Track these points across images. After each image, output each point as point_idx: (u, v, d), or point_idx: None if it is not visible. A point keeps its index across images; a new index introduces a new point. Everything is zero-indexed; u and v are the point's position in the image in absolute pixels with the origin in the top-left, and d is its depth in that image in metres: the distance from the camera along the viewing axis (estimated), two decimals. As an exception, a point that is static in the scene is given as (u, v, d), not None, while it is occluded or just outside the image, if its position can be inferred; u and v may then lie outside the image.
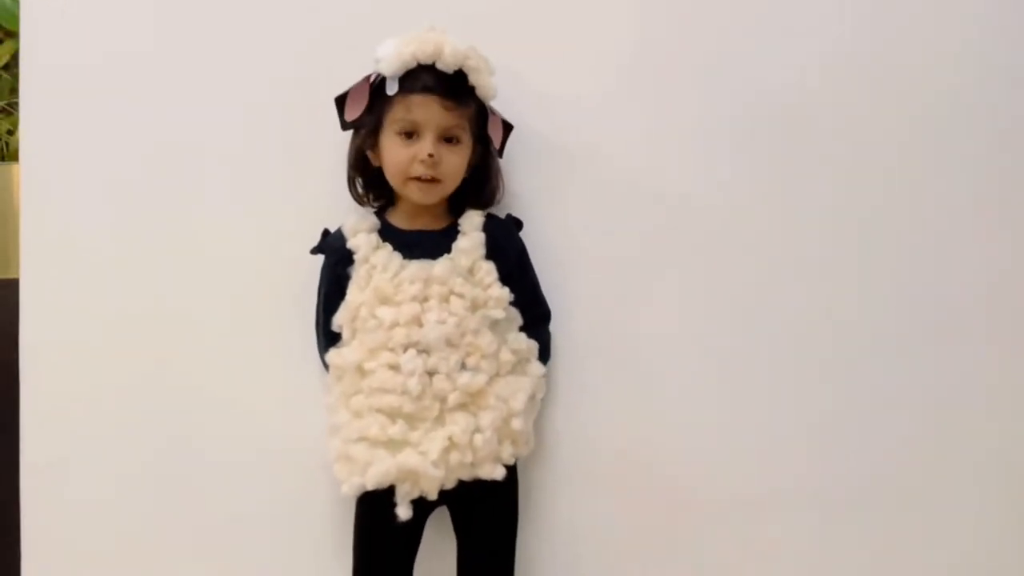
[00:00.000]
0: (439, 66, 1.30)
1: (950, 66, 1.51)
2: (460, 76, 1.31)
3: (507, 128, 1.39)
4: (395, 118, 1.32)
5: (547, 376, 1.43)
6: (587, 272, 1.50)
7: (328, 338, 1.40)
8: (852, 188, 1.51)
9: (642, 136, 1.50)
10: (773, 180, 1.50)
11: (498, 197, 1.43)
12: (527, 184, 1.49)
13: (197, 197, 1.49)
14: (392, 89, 1.31)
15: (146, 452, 1.49)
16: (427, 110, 1.30)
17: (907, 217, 1.51)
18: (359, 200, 1.43)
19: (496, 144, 1.38)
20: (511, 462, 1.36)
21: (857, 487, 1.50)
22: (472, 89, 1.33)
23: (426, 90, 1.30)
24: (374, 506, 1.32)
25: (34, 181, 1.48)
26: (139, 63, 1.48)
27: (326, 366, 1.40)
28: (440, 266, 1.33)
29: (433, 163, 1.31)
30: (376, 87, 1.33)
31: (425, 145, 1.31)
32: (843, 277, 1.51)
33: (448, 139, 1.33)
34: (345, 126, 1.37)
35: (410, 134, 1.32)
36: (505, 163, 1.44)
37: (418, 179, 1.32)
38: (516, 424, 1.34)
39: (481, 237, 1.36)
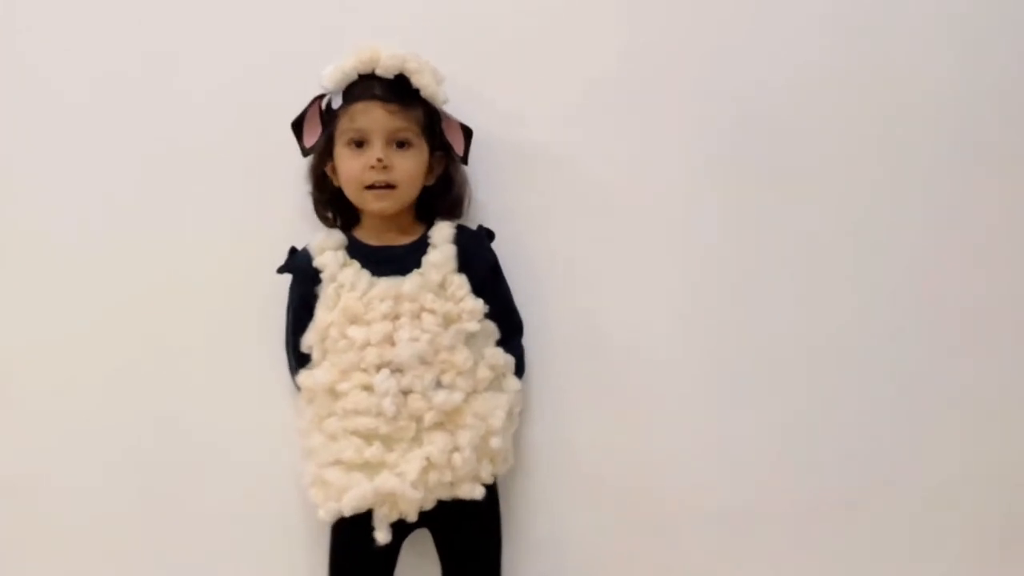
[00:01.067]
0: (379, 72, 1.28)
1: (941, 69, 1.48)
2: (402, 80, 1.29)
3: (467, 133, 1.35)
4: (342, 129, 1.30)
5: (523, 390, 1.40)
6: (562, 282, 1.47)
7: (298, 359, 1.36)
8: (837, 201, 1.48)
9: (616, 141, 1.46)
10: (757, 187, 1.47)
11: (465, 205, 1.40)
12: (498, 194, 1.46)
13: (166, 209, 1.45)
14: (337, 103, 1.29)
15: (112, 476, 1.45)
16: (370, 116, 1.28)
17: (905, 226, 1.48)
18: (325, 221, 1.39)
19: (458, 150, 1.35)
20: (490, 481, 1.33)
21: (842, 500, 1.48)
22: (417, 92, 1.30)
23: (367, 96, 1.28)
24: (350, 530, 1.29)
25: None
26: (100, 66, 1.45)
27: (298, 388, 1.36)
28: (410, 282, 1.29)
29: (384, 168, 1.28)
30: (327, 107, 1.31)
31: (374, 151, 1.28)
32: (828, 287, 1.47)
33: (400, 144, 1.30)
34: (306, 152, 1.34)
35: (360, 143, 1.29)
36: (474, 173, 1.41)
37: (373, 187, 1.29)
38: (494, 443, 1.31)
39: (452, 250, 1.33)
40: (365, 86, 1.29)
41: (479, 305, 1.32)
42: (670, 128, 1.47)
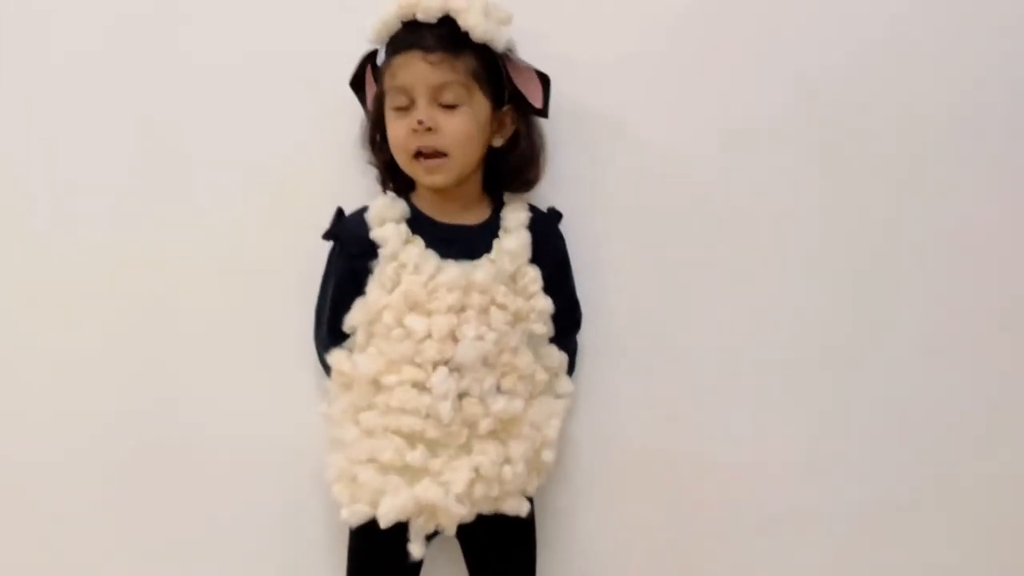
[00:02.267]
0: (419, 16, 1.10)
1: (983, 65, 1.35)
2: (450, 24, 1.10)
3: (544, 80, 1.15)
4: (387, 88, 1.13)
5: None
6: (618, 271, 1.32)
7: (333, 337, 1.19)
8: (905, 189, 1.35)
9: (693, 121, 1.31)
10: (826, 181, 1.33)
11: (539, 172, 1.21)
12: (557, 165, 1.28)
13: (181, 176, 1.30)
14: (381, 58, 1.12)
15: (121, 455, 1.31)
16: (411, 70, 1.10)
17: (981, 222, 1.36)
18: (384, 186, 1.21)
19: (534, 101, 1.15)
20: (534, 495, 1.21)
21: (893, 502, 1.37)
22: (467, 36, 1.10)
23: (407, 47, 1.10)
24: (375, 536, 1.13)
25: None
26: (80, 46, 1.29)
27: (325, 367, 1.20)
28: (483, 271, 1.13)
29: (428, 131, 1.10)
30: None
31: (416, 111, 1.10)
32: (896, 287, 1.35)
33: (447, 104, 1.11)
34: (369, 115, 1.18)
35: (405, 105, 1.11)
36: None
37: (420, 155, 1.12)
38: (547, 456, 1.19)
39: (527, 237, 1.17)
40: (406, 35, 1.10)
41: (549, 305, 1.18)
42: (748, 110, 1.32)
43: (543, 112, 1.16)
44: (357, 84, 1.17)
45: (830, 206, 1.33)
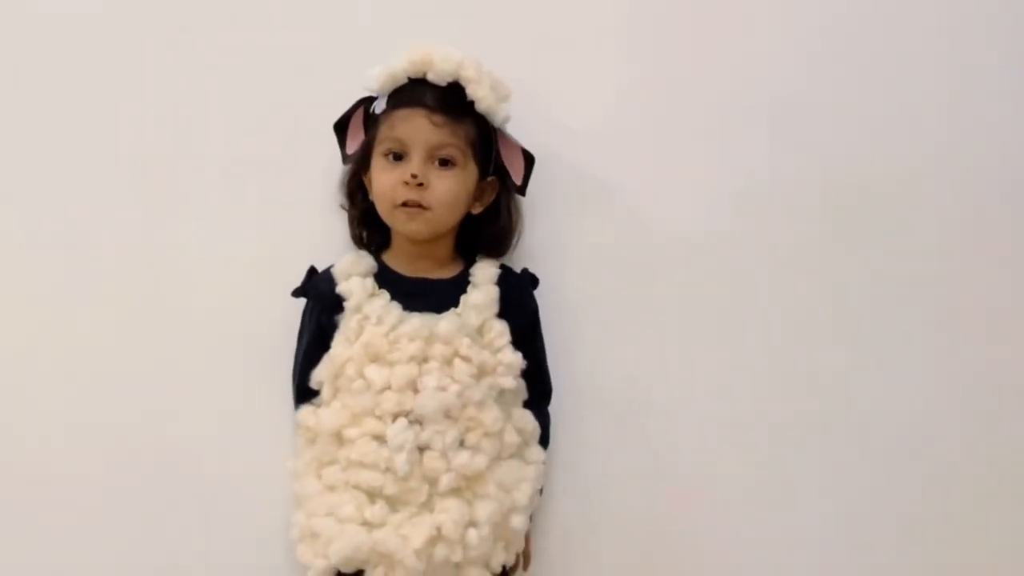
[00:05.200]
0: (430, 77, 1.12)
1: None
2: (457, 90, 1.13)
3: (528, 159, 1.18)
4: (381, 137, 1.14)
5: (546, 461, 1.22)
6: (596, 336, 1.31)
7: (303, 394, 1.19)
8: (889, 256, 1.33)
9: (667, 178, 1.31)
10: (805, 234, 1.32)
11: (513, 243, 1.23)
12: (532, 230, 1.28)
13: (168, 217, 1.29)
14: (381, 107, 1.14)
15: (88, 509, 1.28)
16: (412, 125, 1.12)
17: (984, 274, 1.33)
18: (356, 240, 1.23)
19: (515, 177, 1.18)
20: (498, 571, 1.15)
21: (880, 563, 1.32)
22: (471, 105, 1.13)
23: (413, 103, 1.12)
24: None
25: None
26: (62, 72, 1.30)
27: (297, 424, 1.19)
28: (446, 322, 1.12)
29: (419, 186, 1.11)
30: (372, 111, 1.16)
31: (411, 165, 1.12)
32: (877, 342, 1.32)
33: (443, 162, 1.13)
34: (347, 159, 1.20)
35: (398, 156, 1.13)
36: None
37: (404, 205, 1.13)
38: (516, 522, 1.14)
39: (495, 292, 1.17)
40: (412, 91, 1.13)
41: (518, 359, 1.15)
42: (727, 169, 1.32)
43: (521, 190, 1.19)
44: (341, 126, 1.19)
45: (809, 267, 1.32)
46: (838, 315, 1.32)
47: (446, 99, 1.12)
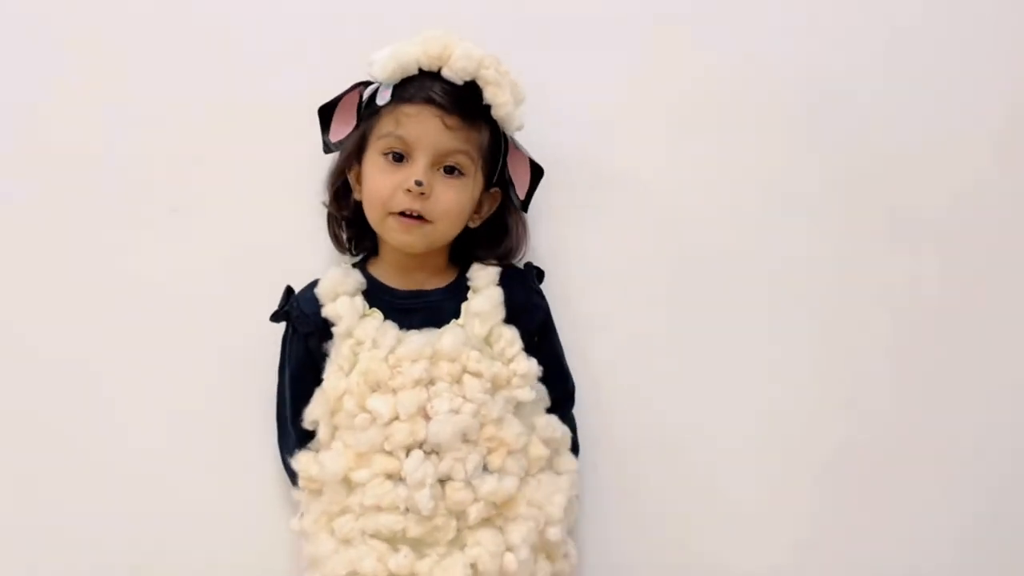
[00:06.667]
0: (446, 73, 0.98)
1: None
2: (473, 90, 1.00)
3: (536, 172, 1.06)
4: (381, 133, 1.00)
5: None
6: (612, 341, 1.20)
7: (297, 437, 1.06)
8: (912, 266, 1.25)
9: (690, 172, 1.21)
10: (819, 239, 1.23)
11: (518, 259, 1.11)
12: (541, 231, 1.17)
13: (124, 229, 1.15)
14: (384, 98, 0.99)
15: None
16: (422, 125, 0.98)
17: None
18: (337, 243, 1.10)
19: (519, 191, 1.05)
20: None
21: None
22: (487, 109, 1.00)
23: (424, 100, 0.98)
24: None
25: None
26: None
27: (291, 474, 1.06)
28: (449, 336, 1.00)
29: (421, 195, 0.98)
30: (369, 99, 1.02)
31: (415, 170, 0.98)
32: (910, 372, 1.25)
33: (449, 169, 1.01)
34: (328, 148, 1.04)
35: (399, 156, 1.00)
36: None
37: (401, 215, 1.00)
38: (553, 534, 1.03)
39: (499, 295, 1.04)
40: (424, 85, 0.98)
41: (533, 366, 1.04)
42: (746, 172, 1.22)
43: (524, 205, 1.06)
44: (327, 110, 1.04)
45: (826, 271, 1.24)
46: (863, 320, 1.24)
47: (462, 100, 0.99)
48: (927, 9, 1.23)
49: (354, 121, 1.03)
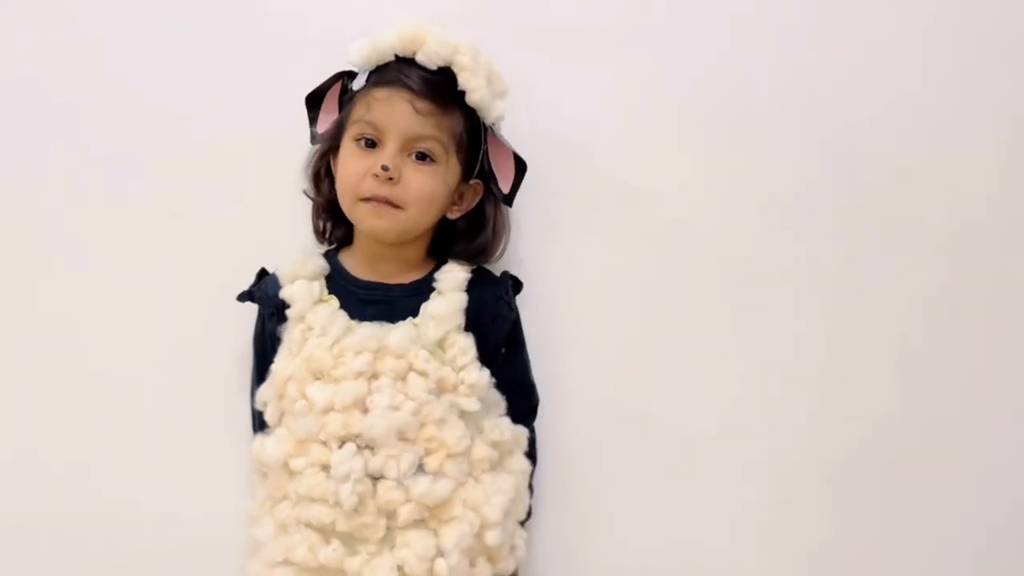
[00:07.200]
0: (420, 59, 0.97)
1: None
2: (448, 76, 0.98)
3: (520, 166, 1.03)
4: (354, 119, 0.99)
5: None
6: (584, 350, 1.16)
7: (257, 418, 1.06)
8: (915, 270, 1.20)
9: (652, 189, 1.17)
10: (806, 246, 1.19)
11: (495, 255, 1.08)
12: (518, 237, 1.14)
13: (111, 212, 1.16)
14: (359, 83, 0.99)
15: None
16: (391, 109, 0.97)
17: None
18: (317, 233, 1.10)
19: (503, 185, 1.03)
20: None
21: None
22: (462, 95, 0.98)
23: (395, 84, 0.97)
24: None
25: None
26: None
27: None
28: (399, 333, 0.98)
29: (389, 180, 0.97)
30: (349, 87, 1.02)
31: (383, 155, 0.97)
32: (905, 370, 1.19)
33: (420, 156, 0.99)
34: (315, 139, 1.05)
35: (371, 142, 0.99)
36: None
37: (370, 200, 0.98)
38: (491, 538, 0.98)
39: (461, 301, 1.01)
40: (396, 70, 0.98)
41: (483, 379, 1.00)
42: (737, 168, 1.17)
43: (508, 199, 1.04)
44: (315, 100, 1.05)
45: (810, 278, 1.19)
46: (866, 326, 1.19)
47: (434, 85, 0.97)
48: (930, 14, 1.16)
49: (336, 111, 1.03)
